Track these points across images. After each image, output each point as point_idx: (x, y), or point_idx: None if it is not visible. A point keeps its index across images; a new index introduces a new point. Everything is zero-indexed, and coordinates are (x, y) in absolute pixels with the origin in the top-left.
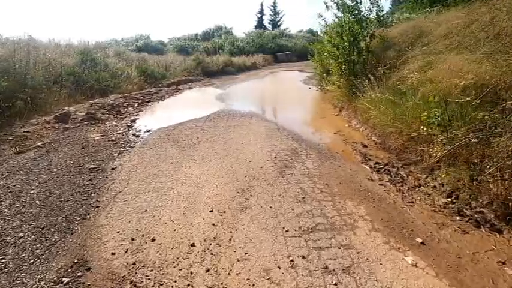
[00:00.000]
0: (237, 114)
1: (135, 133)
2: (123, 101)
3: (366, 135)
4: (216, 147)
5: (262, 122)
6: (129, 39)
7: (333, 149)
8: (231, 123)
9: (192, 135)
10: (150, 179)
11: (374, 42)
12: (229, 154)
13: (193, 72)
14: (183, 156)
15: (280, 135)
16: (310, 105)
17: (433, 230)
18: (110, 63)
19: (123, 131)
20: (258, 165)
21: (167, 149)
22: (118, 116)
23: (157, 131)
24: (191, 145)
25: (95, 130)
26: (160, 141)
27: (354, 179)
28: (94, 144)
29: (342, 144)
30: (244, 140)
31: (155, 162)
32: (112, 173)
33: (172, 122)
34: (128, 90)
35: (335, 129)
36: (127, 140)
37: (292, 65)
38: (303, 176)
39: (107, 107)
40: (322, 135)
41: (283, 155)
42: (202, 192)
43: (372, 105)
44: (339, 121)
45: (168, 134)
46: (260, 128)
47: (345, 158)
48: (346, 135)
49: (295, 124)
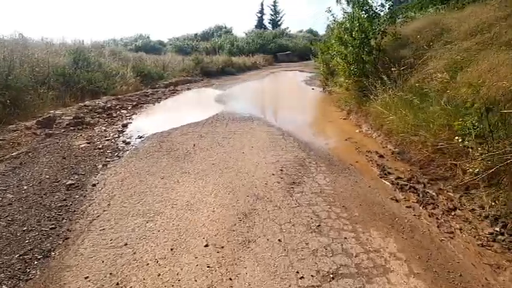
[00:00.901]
0: (237, 118)
1: (126, 140)
2: (116, 103)
3: (380, 142)
4: (214, 157)
5: (264, 126)
6: (128, 39)
7: (345, 159)
8: (231, 128)
9: (188, 142)
10: (135, 198)
11: (385, 40)
12: (229, 166)
13: (192, 73)
14: (176, 169)
15: (285, 143)
16: (314, 107)
17: (488, 274)
18: (105, 63)
19: (112, 137)
20: (262, 181)
21: (159, 159)
22: (109, 120)
23: (150, 137)
24: (186, 155)
25: (82, 136)
26: (152, 149)
27: (375, 199)
28: (78, 153)
29: (354, 153)
30: (245, 148)
31: (144, 176)
32: (92, 190)
33: (167, 126)
34: (123, 91)
35: (345, 135)
36: (115, 148)
37: (293, 65)
38: (315, 195)
39: (98, 110)
40: (332, 143)
41: (290, 168)
42: (196, 218)
43: (387, 110)
44: (348, 126)
45: (161, 141)
46: (263, 133)
47: (360, 171)
48: (358, 142)
49: (301, 129)
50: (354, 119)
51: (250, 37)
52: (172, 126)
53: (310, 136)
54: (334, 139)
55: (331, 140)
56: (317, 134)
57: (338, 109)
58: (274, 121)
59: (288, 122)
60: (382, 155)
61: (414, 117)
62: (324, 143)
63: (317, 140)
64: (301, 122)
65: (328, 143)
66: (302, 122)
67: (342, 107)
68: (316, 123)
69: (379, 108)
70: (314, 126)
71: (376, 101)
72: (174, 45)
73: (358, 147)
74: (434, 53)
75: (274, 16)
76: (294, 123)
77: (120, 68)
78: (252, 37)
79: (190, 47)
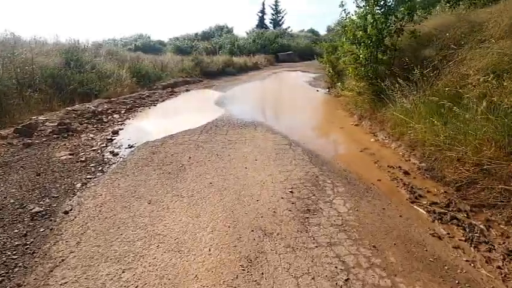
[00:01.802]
0: (238, 124)
1: (114, 150)
2: (108, 106)
3: (401, 155)
4: (212, 174)
5: (268, 133)
6: (128, 39)
7: (365, 176)
8: (232, 135)
9: (183, 153)
10: (113, 233)
11: (402, 38)
12: (229, 186)
13: (191, 73)
14: (167, 189)
15: (294, 154)
16: (321, 111)
17: None
18: (99, 63)
19: (99, 146)
20: (269, 208)
21: (149, 176)
22: (99, 125)
23: (141, 147)
24: (180, 170)
25: (65, 146)
26: (142, 163)
27: (412, 235)
28: (56, 168)
29: (374, 168)
30: (248, 161)
31: (128, 199)
32: (62, 220)
33: (162, 134)
34: (117, 93)
35: (359, 145)
36: (101, 160)
37: (295, 65)
38: (335, 228)
39: (87, 114)
40: (346, 154)
41: (302, 188)
42: (187, 265)
43: (408, 117)
44: (361, 133)
45: (153, 151)
46: (267, 142)
47: (385, 193)
48: (376, 154)
49: (309, 137)
50: (367, 125)
51: (251, 37)
52: (167, 133)
53: (321, 146)
54: (347, 150)
55: (345, 150)
56: (328, 143)
57: (347, 113)
58: (279, 127)
59: (294, 129)
60: (407, 172)
61: (446, 128)
62: (337, 155)
63: (329, 151)
64: (308, 129)
65: (342, 154)
66: (310, 129)
67: (351, 111)
68: (325, 129)
69: (398, 115)
70: (323, 134)
71: (395, 107)
72: (173, 45)
73: (376, 161)
74: (468, 53)
75: (276, 16)
76: (301, 129)
77: (116, 68)
78: (253, 37)
79: (190, 47)
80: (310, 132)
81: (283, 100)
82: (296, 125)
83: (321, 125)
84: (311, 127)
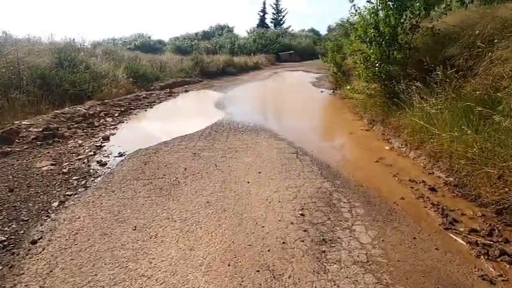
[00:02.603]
0: (239, 128)
1: (102, 159)
2: (101, 109)
3: (423, 166)
4: (210, 191)
5: (272, 140)
6: (128, 38)
7: (385, 194)
8: (232, 142)
9: (178, 164)
10: (86, 274)
11: (418, 36)
12: (229, 207)
13: (190, 73)
14: (156, 211)
15: (302, 166)
16: (328, 114)
17: None
18: (95, 63)
19: (86, 155)
20: (277, 237)
21: (137, 192)
22: (89, 130)
23: (132, 155)
24: (173, 185)
25: (48, 155)
26: (131, 175)
27: (457, 279)
28: (33, 182)
29: (394, 183)
30: (250, 175)
31: (110, 224)
32: (28, 253)
33: (156, 139)
34: (112, 94)
35: (374, 154)
36: (86, 172)
37: (297, 65)
38: (360, 268)
39: (77, 118)
40: (360, 166)
41: (314, 210)
42: None
43: (430, 124)
44: (373, 140)
45: (145, 161)
46: (271, 151)
47: (413, 216)
48: (393, 165)
49: (317, 144)
50: (379, 131)
51: (252, 36)
52: (163, 139)
53: (331, 154)
54: (361, 160)
55: (358, 161)
56: (338, 151)
57: (356, 117)
58: (283, 132)
59: (300, 134)
60: (434, 188)
61: (480, 138)
62: (351, 166)
63: (340, 161)
64: (315, 134)
65: (356, 165)
66: (317, 134)
67: (360, 114)
68: (334, 135)
69: (417, 121)
70: (332, 140)
71: (412, 112)
72: (173, 45)
73: (396, 173)
74: (503, 51)
75: (277, 15)
76: (308, 135)
77: (112, 68)
78: (254, 36)
79: (190, 46)
80: (317, 139)
81: (286, 102)
82: (302, 130)
83: (329, 129)
84: (318, 132)
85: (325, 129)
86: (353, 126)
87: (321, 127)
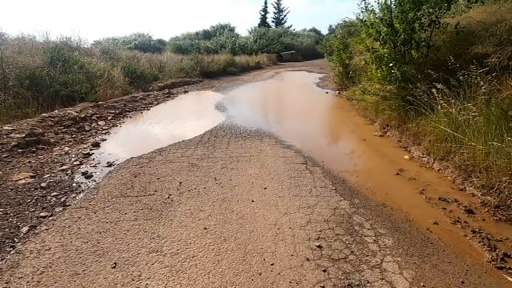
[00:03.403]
0: (241, 134)
1: (88, 170)
2: (94, 111)
3: (452, 181)
4: (208, 212)
5: (278, 147)
6: (128, 37)
7: (414, 217)
8: (234, 150)
9: (173, 176)
10: None
11: (437, 33)
12: (231, 235)
13: (190, 73)
14: (143, 241)
15: (313, 179)
16: (335, 117)
17: None
18: (90, 63)
19: (72, 165)
20: (290, 282)
21: (123, 214)
22: (78, 135)
23: (122, 165)
24: (165, 204)
25: (28, 165)
26: (119, 191)
27: None
28: (6, 199)
29: (422, 202)
30: (255, 191)
31: (85, 259)
32: None
33: (151, 146)
34: (107, 95)
35: (393, 165)
36: (67, 186)
37: (299, 65)
38: None
39: (66, 122)
40: (380, 180)
41: (333, 239)
42: None
43: (459, 132)
44: (389, 147)
45: (136, 173)
46: (277, 160)
47: (453, 249)
48: (417, 179)
49: (328, 152)
50: (395, 137)
51: (253, 36)
52: (157, 146)
53: (344, 165)
54: (379, 172)
55: (376, 173)
56: (352, 161)
57: (366, 121)
58: (289, 138)
59: (307, 140)
60: (470, 209)
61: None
62: (369, 181)
63: (356, 174)
64: (325, 141)
65: (374, 179)
66: (326, 141)
67: (371, 118)
68: (345, 141)
69: (442, 128)
70: (344, 148)
71: (436, 117)
72: (174, 44)
73: (422, 190)
74: None
75: (278, 14)
76: (316, 141)
77: (107, 68)
78: (256, 36)
79: (190, 46)
80: (327, 146)
81: (290, 104)
82: (309, 136)
83: (339, 135)
84: (327, 138)
85: (334, 134)
86: (365, 132)
87: (330, 132)
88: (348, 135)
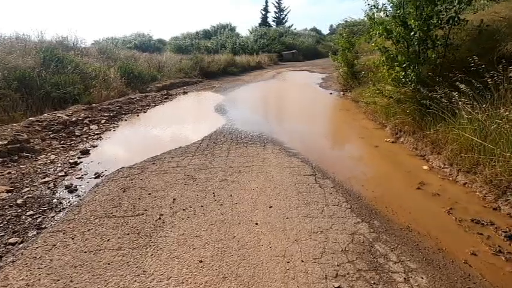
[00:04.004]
0: (242, 139)
1: (72, 183)
2: (87, 114)
3: (482, 197)
4: (204, 238)
5: (283, 156)
6: (128, 37)
7: (448, 246)
8: (235, 158)
9: (166, 191)
10: None
11: (456, 30)
12: (231, 272)
13: (190, 73)
14: (124, 281)
15: (324, 195)
16: (342, 120)
17: None
18: (85, 63)
19: (56, 176)
20: None
21: (104, 240)
22: (68, 141)
23: (111, 177)
24: (155, 228)
25: (7, 177)
26: (104, 209)
27: None
28: None
29: (454, 226)
30: (258, 210)
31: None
32: None
33: (144, 153)
34: (101, 97)
35: (412, 178)
36: (47, 203)
37: (300, 65)
38: None
39: (55, 126)
40: (400, 196)
41: (355, 278)
42: None
43: (490, 142)
44: (404, 156)
45: (125, 186)
46: (283, 172)
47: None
48: (441, 194)
49: (338, 161)
50: (410, 144)
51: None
52: (151, 153)
53: (357, 178)
54: (398, 185)
55: (395, 187)
56: (365, 172)
57: (376, 125)
58: (294, 144)
59: (314, 147)
60: (510, 235)
61: None
62: (387, 197)
63: (372, 188)
64: (333, 147)
65: (394, 195)
66: (334, 147)
67: (380, 122)
68: (355, 149)
69: (467, 136)
70: (355, 156)
71: (459, 123)
72: (174, 44)
73: (449, 209)
74: None
75: (279, 13)
76: (324, 148)
77: (105, 68)
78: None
79: (190, 45)
80: (336, 154)
81: (293, 106)
82: (315, 141)
83: (348, 141)
84: (335, 145)
85: (342, 140)
86: (376, 137)
87: (338, 138)
88: (357, 141)
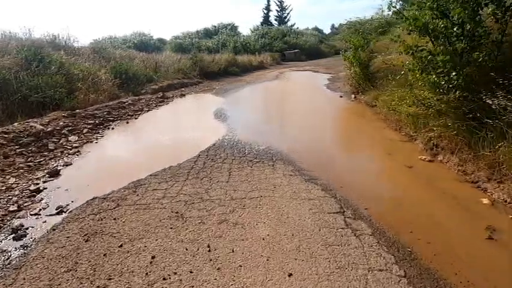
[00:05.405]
0: (246, 155)
1: (23, 223)
2: (66, 123)
3: None
4: None
5: (298, 180)
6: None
7: None
8: (237, 185)
9: (143, 241)
10: None
11: None
12: None
13: (189, 74)
14: None
15: (363, 251)
16: (360, 130)
17: None
18: (73, 63)
19: (5, 212)
20: None
21: None
22: (37, 158)
23: (76, 215)
24: None
25: None
26: (49, 276)
27: None
28: None
29: None
30: (272, 281)
31: None
32: None
33: (125, 176)
34: (89, 101)
35: (473, 219)
36: None
37: (303, 65)
38: None
39: (25, 139)
40: (469, 253)
41: None
42: None
43: None
44: (451, 182)
45: (90, 232)
46: (301, 207)
47: None
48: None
49: (368, 190)
50: (453, 164)
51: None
52: (134, 175)
53: (401, 218)
54: (459, 232)
55: (456, 235)
56: (409, 209)
57: (401, 136)
58: (310, 163)
59: (334, 168)
60: None
61: None
62: (452, 254)
63: (427, 237)
64: (357, 168)
65: (460, 251)
66: (359, 168)
67: (407, 133)
68: (385, 170)
69: None
70: (388, 182)
71: None
72: (173, 44)
73: None
74: None
75: (281, 12)
76: (346, 170)
77: (97, 68)
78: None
79: (191, 44)
80: (363, 178)
81: (301, 111)
82: (333, 159)
83: (373, 158)
84: (359, 164)
85: (366, 157)
86: (406, 153)
87: (360, 153)
88: (385, 157)
